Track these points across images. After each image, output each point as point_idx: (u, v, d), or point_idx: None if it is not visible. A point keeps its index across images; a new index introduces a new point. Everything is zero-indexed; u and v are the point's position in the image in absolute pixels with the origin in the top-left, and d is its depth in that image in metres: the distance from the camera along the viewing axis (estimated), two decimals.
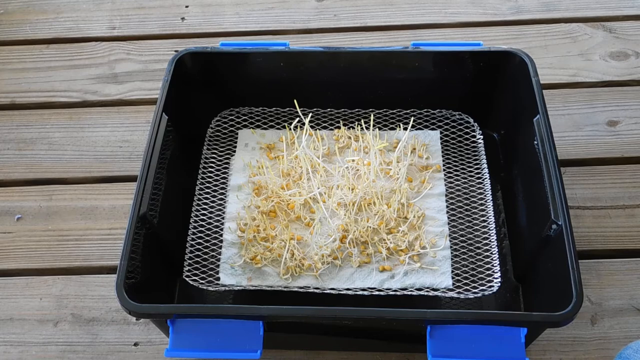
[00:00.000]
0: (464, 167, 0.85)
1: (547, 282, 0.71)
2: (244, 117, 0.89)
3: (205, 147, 0.87)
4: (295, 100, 0.82)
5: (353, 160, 0.83)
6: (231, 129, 0.89)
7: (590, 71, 0.99)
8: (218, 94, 0.87)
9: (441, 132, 0.87)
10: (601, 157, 0.90)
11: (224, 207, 0.82)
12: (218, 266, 0.77)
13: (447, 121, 0.88)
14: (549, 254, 0.71)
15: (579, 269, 0.65)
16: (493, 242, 0.78)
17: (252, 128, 0.88)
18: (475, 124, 0.87)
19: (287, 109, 0.88)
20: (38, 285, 0.81)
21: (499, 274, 0.75)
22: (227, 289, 0.75)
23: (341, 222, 0.77)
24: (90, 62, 1.03)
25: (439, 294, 0.74)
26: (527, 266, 0.76)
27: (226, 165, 0.86)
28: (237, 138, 0.88)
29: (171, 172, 0.79)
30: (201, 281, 0.76)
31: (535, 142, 0.76)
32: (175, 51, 1.05)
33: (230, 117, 0.89)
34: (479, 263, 0.77)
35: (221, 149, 0.87)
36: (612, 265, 0.80)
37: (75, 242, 0.85)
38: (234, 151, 0.87)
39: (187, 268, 0.77)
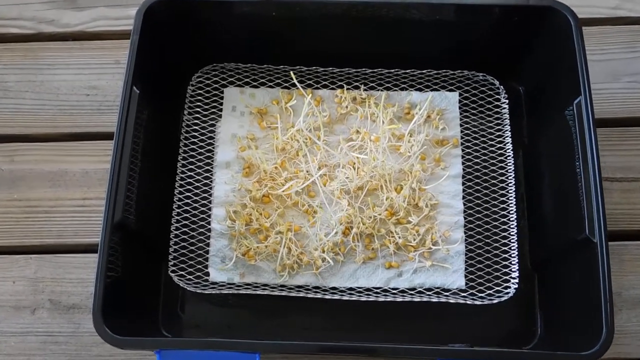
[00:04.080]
0: (484, 140, 0.74)
1: (569, 291, 0.65)
2: (230, 74, 0.76)
3: (186, 111, 0.74)
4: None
5: (357, 132, 0.72)
6: (215, 85, 0.76)
7: (635, 3, 0.84)
8: (197, 46, 0.73)
9: (460, 95, 0.74)
10: (639, 117, 0.79)
11: (210, 188, 0.72)
12: (206, 259, 0.70)
13: (469, 82, 0.75)
14: (577, 265, 0.64)
15: (612, 300, 0.59)
16: (513, 235, 0.70)
17: (240, 86, 0.75)
18: (501, 87, 0.74)
19: (281, 66, 0.75)
20: (9, 266, 0.74)
21: (516, 274, 0.69)
22: (217, 291, 0.68)
23: (344, 213, 0.68)
24: None
25: (451, 299, 0.67)
26: (546, 259, 0.69)
27: (211, 134, 0.74)
28: (222, 99, 0.75)
29: (148, 149, 0.68)
30: (189, 276, 0.69)
31: (569, 111, 0.66)
32: None
33: (214, 73, 0.76)
34: (495, 259, 0.69)
35: (204, 113, 0.75)
36: (638, 249, 0.74)
37: (46, 214, 0.76)
38: (220, 115, 0.74)
39: (172, 262, 0.70)
